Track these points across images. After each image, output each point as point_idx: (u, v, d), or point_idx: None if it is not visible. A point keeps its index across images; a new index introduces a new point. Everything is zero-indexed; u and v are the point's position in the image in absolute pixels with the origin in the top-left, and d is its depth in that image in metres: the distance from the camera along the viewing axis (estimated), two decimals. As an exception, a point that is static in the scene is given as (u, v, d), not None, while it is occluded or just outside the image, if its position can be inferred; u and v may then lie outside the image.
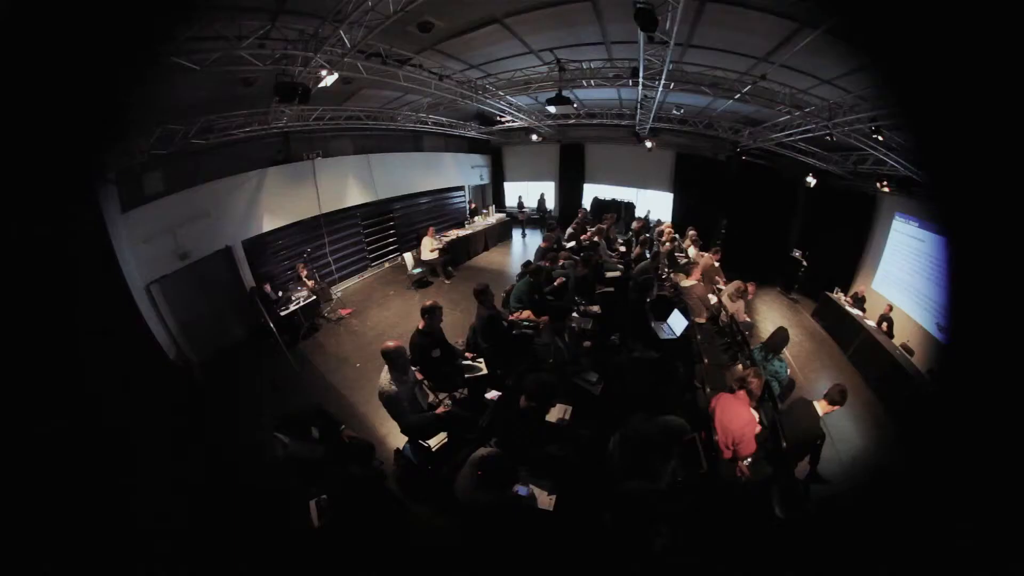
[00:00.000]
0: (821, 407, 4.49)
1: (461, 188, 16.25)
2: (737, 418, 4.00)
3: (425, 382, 5.18)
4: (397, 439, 4.98)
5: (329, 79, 6.15)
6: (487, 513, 3.09)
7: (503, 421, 3.91)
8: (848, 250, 12.73)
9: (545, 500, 3.42)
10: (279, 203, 9.41)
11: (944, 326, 7.50)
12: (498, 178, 18.04)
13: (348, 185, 11.22)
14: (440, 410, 4.70)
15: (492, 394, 4.99)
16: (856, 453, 6.84)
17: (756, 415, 4.28)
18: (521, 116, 11.60)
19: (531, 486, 3.47)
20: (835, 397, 4.47)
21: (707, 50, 6.85)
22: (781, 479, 3.88)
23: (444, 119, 12.11)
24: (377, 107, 10.24)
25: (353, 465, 4.25)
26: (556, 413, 4.46)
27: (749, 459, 4.02)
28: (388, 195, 12.53)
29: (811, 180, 12.20)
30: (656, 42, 5.45)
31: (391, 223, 12.94)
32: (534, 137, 13.68)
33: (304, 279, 9.15)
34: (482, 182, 17.47)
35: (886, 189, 10.09)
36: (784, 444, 4.05)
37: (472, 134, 14.29)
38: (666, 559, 2.88)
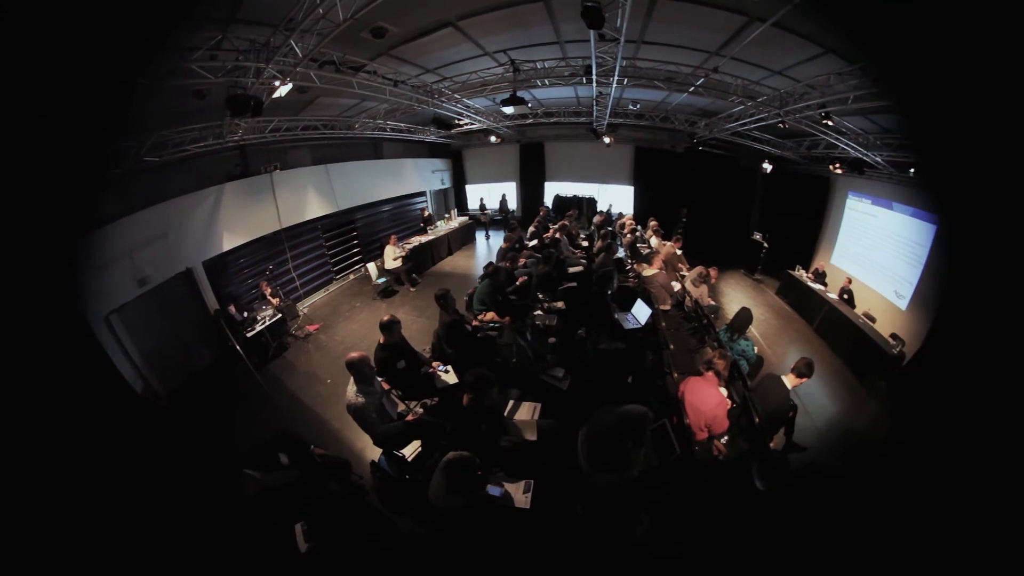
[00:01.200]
0: (790, 380, 4.66)
1: (423, 194, 16.10)
2: (708, 399, 4.11)
3: (394, 392, 5.15)
4: (374, 452, 4.90)
5: (283, 89, 6.00)
6: (463, 517, 3.08)
7: (460, 422, 3.91)
8: (806, 230, 13.50)
9: (521, 498, 3.42)
10: (239, 220, 9.10)
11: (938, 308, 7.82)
12: (459, 181, 17.97)
13: (308, 197, 10.97)
14: (409, 417, 4.71)
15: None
16: (830, 418, 7.31)
17: (726, 394, 4.41)
18: (479, 118, 11.59)
19: (504, 485, 3.48)
20: (802, 370, 4.65)
21: (660, 46, 6.97)
22: (758, 453, 3.96)
23: (403, 125, 11.94)
24: (334, 115, 10.07)
25: (331, 482, 4.17)
26: (525, 412, 4.46)
27: (725, 437, 4.13)
28: (349, 205, 12.29)
29: (767, 166, 12.72)
30: (607, 40, 5.54)
31: (353, 233, 12.71)
32: (493, 139, 13.69)
33: (269, 297, 8.92)
34: (443, 186, 17.36)
35: (839, 171, 10.64)
36: (757, 419, 4.16)
37: (431, 138, 14.15)
38: (649, 544, 2.90)
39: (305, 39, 5.15)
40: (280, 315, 8.62)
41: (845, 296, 10.61)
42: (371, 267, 10.98)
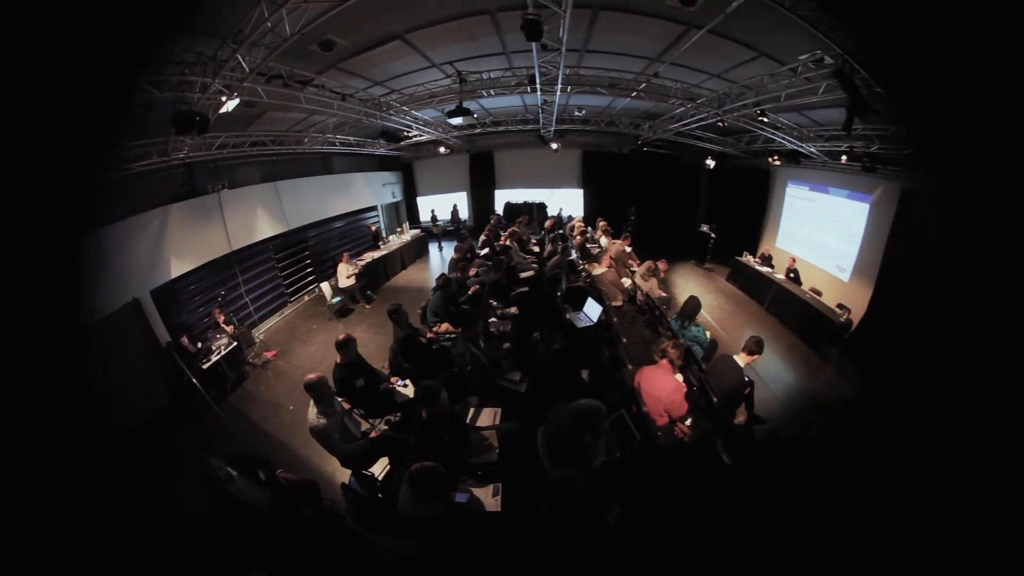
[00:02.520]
0: (742, 359, 4.84)
1: (375, 208, 15.87)
2: (663, 385, 4.24)
3: (356, 412, 5.11)
4: (344, 474, 4.79)
5: (230, 104, 5.86)
6: (435, 526, 3.10)
7: (422, 435, 3.96)
8: (751, 218, 14.53)
9: (491, 502, 3.46)
10: (186, 244, 8.56)
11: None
12: (411, 194, 17.80)
13: (258, 217, 10.54)
14: (373, 434, 4.66)
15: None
16: (789, 389, 7.84)
17: (682, 379, 4.56)
18: (428, 130, 11.57)
19: (472, 491, 3.51)
20: (752, 348, 4.84)
21: (603, 54, 7.22)
22: (721, 430, 4.14)
23: (352, 138, 11.78)
24: (283, 130, 9.84)
25: (304, 508, 4.11)
26: (486, 418, 4.51)
27: (689, 420, 4.28)
28: (300, 223, 11.90)
29: (710, 162, 13.54)
30: (550, 50, 5.72)
31: (306, 253, 12.28)
32: (442, 149, 13.74)
33: (223, 325, 8.51)
34: (395, 199, 17.15)
35: (777, 162, 11.47)
36: (715, 399, 4.34)
37: (381, 151, 14.03)
38: (621, 531, 2.98)
39: (253, 52, 5.08)
40: (236, 343, 8.25)
41: (791, 275, 11.44)
42: (325, 287, 10.69)
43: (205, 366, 7.51)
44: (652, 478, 3.56)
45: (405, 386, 5.52)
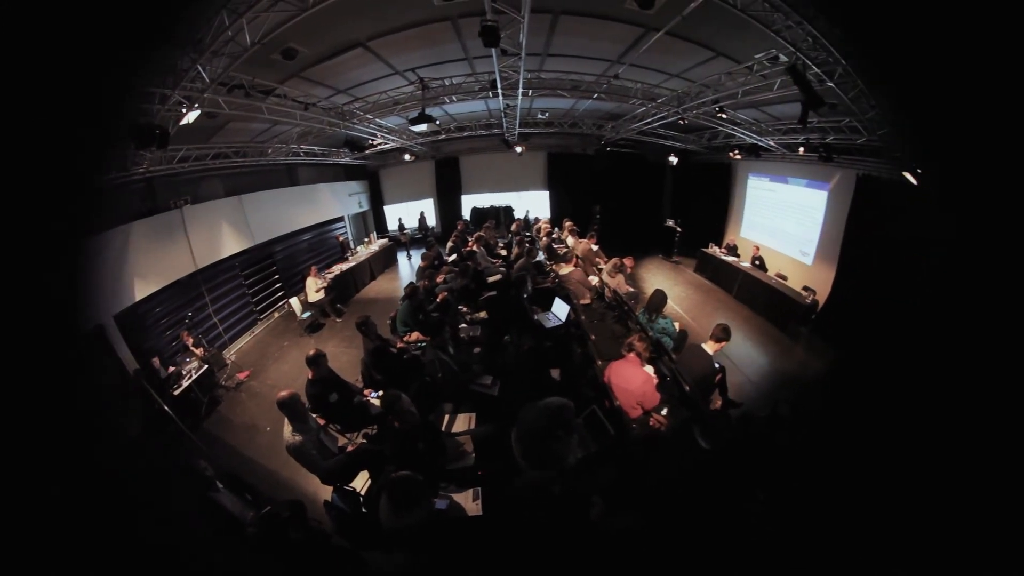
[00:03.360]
0: (710, 347, 4.96)
1: (342, 219, 15.65)
2: (633, 379, 4.31)
3: (332, 427, 5.07)
4: (327, 492, 4.74)
5: (191, 115, 5.71)
6: (419, 535, 3.10)
7: (397, 445, 3.98)
8: (715, 210, 15.05)
9: (472, 507, 3.47)
10: (150, 264, 8.19)
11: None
12: (377, 203, 17.60)
13: (222, 232, 10.18)
14: (350, 448, 4.63)
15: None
16: (762, 371, 8.22)
17: (652, 371, 4.64)
18: (392, 137, 11.49)
19: (452, 497, 3.51)
20: (719, 335, 4.97)
21: (565, 57, 7.34)
22: (697, 416, 4.21)
23: (316, 148, 11.58)
24: (246, 141, 9.58)
25: (290, 531, 4.05)
26: (461, 423, 4.52)
27: (665, 410, 4.34)
28: (266, 237, 11.54)
29: (673, 159, 14.10)
30: (510, 55, 5.76)
31: (273, 268, 11.93)
32: (407, 157, 13.67)
33: (192, 348, 8.21)
34: (361, 209, 16.94)
35: (738, 156, 12.05)
36: (687, 388, 4.40)
37: (346, 161, 13.82)
38: (605, 524, 3.02)
39: (214, 62, 4.98)
40: (207, 366, 7.97)
41: (757, 263, 11.96)
42: (294, 302, 10.45)
43: (176, 392, 7.19)
44: (630, 469, 3.60)
45: (379, 398, 5.47)
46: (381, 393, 5.47)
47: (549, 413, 3.30)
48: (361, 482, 4.45)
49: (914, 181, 7.02)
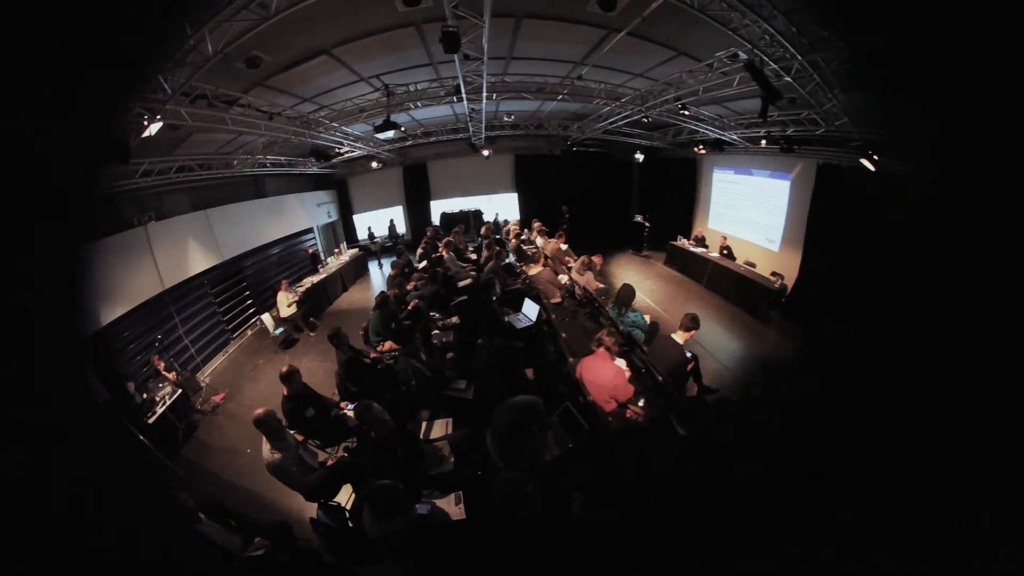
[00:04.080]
0: (680, 336, 5.08)
1: (311, 230, 15.35)
2: (603, 373, 4.36)
3: (310, 443, 5.00)
4: (312, 509, 4.67)
5: (153, 127, 5.53)
6: (405, 542, 3.11)
7: (374, 455, 4.01)
8: (682, 204, 15.52)
9: (455, 511, 3.48)
10: (115, 286, 7.84)
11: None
12: (346, 212, 17.23)
13: (190, 249, 9.82)
14: (330, 462, 4.60)
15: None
16: (736, 356, 8.49)
17: (625, 364, 4.77)
18: (359, 145, 11.40)
19: (434, 502, 3.53)
20: (688, 324, 5.08)
21: (529, 60, 7.42)
22: (673, 405, 4.31)
23: (283, 158, 11.35)
24: (211, 153, 9.31)
25: (279, 553, 3.99)
26: (438, 429, 4.54)
27: (642, 401, 4.41)
28: (235, 253, 11.15)
29: (639, 156, 14.31)
30: (473, 59, 5.81)
31: (243, 284, 11.57)
32: (374, 164, 13.52)
33: (164, 373, 7.90)
34: (331, 219, 16.60)
35: (703, 151, 12.45)
36: (660, 378, 4.55)
37: (313, 170, 13.52)
38: (587, 518, 3.07)
39: (176, 72, 4.87)
40: (181, 390, 7.67)
41: (725, 252, 12.35)
42: (266, 318, 10.17)
43: (151, 420, 6.90)
44: (608, 462, 3.65)
45: (354, 409, 5.46)
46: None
47: (519, 411, 3.34)
48: (346, 496, 4.40)
49: (871, 167, 7.52)
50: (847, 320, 8.39)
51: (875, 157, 7.48)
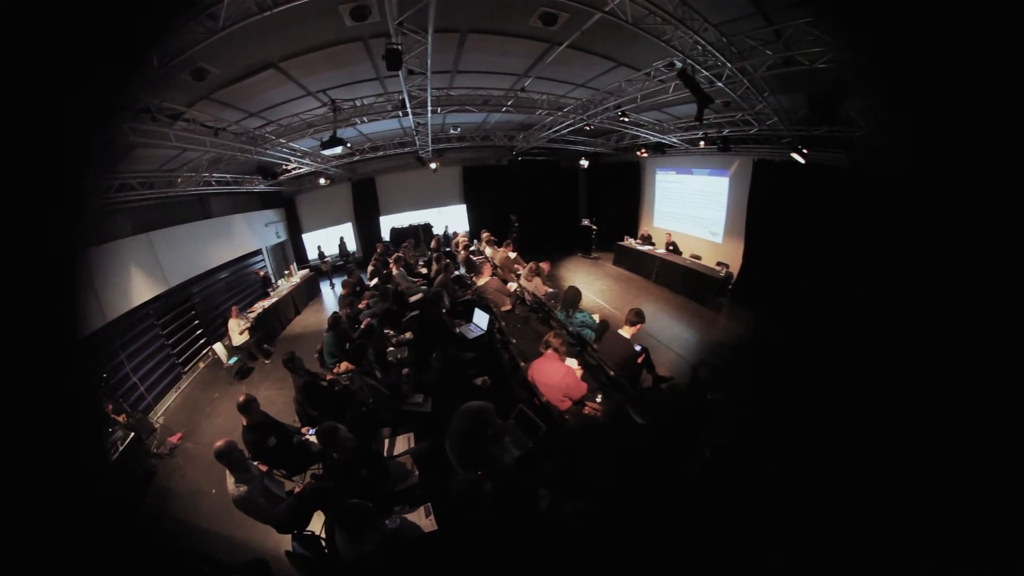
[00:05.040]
0: (627, 331, 5.27)
1: (260, 252, 14.74)
2: (553, 373, 4.51)
3: (276, 473, 4.92)
4: (287, 541, 4.44)
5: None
6: (381, 560, 3.11)
7: (340, 477, 4.04)
8: (628, 206, 16.36)
9: (426, 523, 3.52)
10: None
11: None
12: (295, 231, 16.69)
13: (132, 277, 9.00)
14: (297, 490, 4.54)
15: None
16: (689, 343, 9.00)
17: (576, 363, 4.95)
18: (306, 161, 11.19)
19: (404, 516, 3.56)
20: (633, 319, 5.30)
21: (474, 73, 7.62)
22: (628, 396, 4.50)
23: (228, 176, 10.92)
24: (153, 170, 8.83)
25: None
26: (401, 445, 4.59)
27: (600, 396, 4.59)
28: (182, 279, 10.46)
29: (584, 162, 15.04)
30: (417, 74, 5.96)
31: (192, 312, 10.72)
32: (322, 181, 13.33)
33: (113, 416, 7.26)
34: (279, 239, 15.98)
35: (645, 154, 13.27)
36: (612, 373, 4.76)
37: (261, 188, 13.09)
38: (555, 513, 3.19)
39: (117, 83, 4.72)
40: (133, 434, 7.07)
41: (671, 248, 13.06)
42: (219, 348, 9.69)
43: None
44: (571, 457, 3.76)
45: (316, 434, 5.39)
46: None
47: (470, 416, 3.45)
48: (319, 524, 4.31)
49: (801, 160, 8.35)
50: (790, 300, 9.35)
51: (804, 151, 8.25)
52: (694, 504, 3.34)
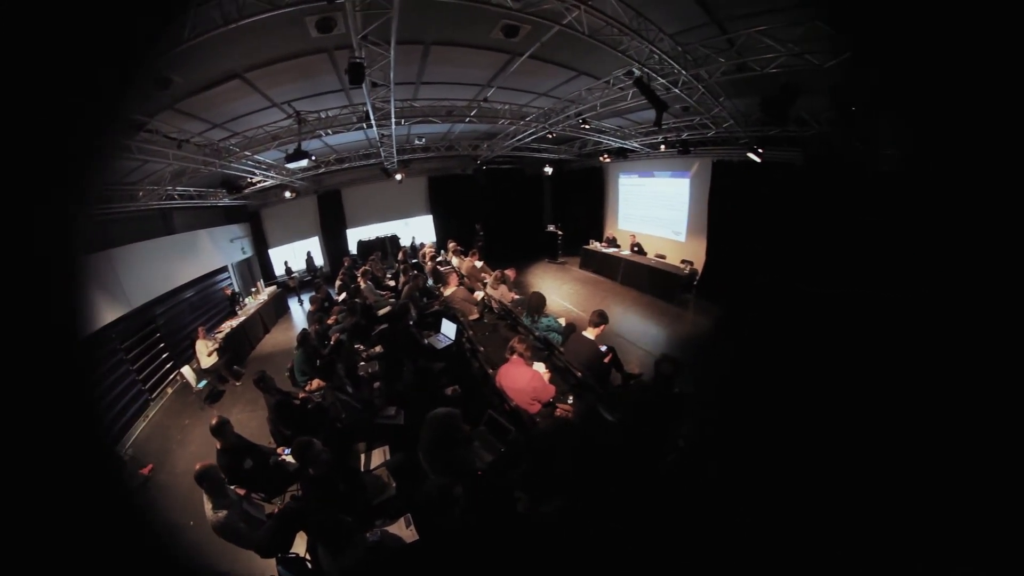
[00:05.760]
0: (591, 333, 5.34)
1: (226, 269, 14.20)
2: (519, 378, 4.57)
3: (254, 496, 4.88)
4: (271, 566, 4.28)
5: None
6: (363, 570, 3.11)
7: (317, 493, 4.05)
8: (592, 210, 16.76)
9: (407, 533, 3.54)
10: None
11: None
12: (262, 246, 16.28)
13: (92, 298, 8.35)
14: (274, 511, 4.52)
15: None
16: (658, 340, 9.31)
17: (544, 367, 5.07)
18: (271, 174, 11.00)
19: (384, 529, 3.58)
20: (596, 320, 5.37)
21: (438, 84, 7.74)
22: (598, 395, 4.60)
23: (192, 189, 10.57)
24: (113, 183, 8.38)
25: None
26: (377, 458, 4.61)
27: (571, 398, 4.71)
28: (145, 299, 9.72)
29: (548, 169, 15.32)
30: (380, 86, 6.08)
31: (157, 335, 10.09)
32: (288, 194, 13.18)
33: None
34: (245, 255, 15.45)
35: (607, 160, 13.64)
36: (579, 374, 4.89)
37: (225, 202, 12.68)
38: (533, 514, 3.25)
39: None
40: None
41: (636, 249, 13.53)
42: (187, 371, 9.34)
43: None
44: (545, 459, 3.81)
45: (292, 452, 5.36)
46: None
47: (436, 423, 3.51)
48: (303, 546, 4.17)
49: (758, 159, 8.90)
50: (752, 292, 9.87)
51: (759, 151, 8.79)
52: (670, 496, 3.45)
